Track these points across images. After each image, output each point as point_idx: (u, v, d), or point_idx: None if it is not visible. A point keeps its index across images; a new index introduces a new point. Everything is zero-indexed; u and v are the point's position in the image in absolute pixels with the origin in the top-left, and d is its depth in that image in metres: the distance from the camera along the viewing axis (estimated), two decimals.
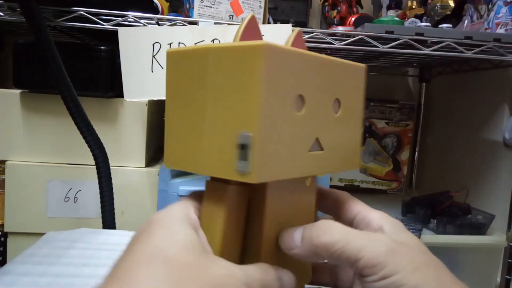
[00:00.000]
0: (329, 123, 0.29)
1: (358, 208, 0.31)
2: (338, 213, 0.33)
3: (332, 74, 0.29)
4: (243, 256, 0.29)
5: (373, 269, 0.25)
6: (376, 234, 0.28)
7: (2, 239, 0.78)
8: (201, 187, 0.30)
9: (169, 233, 0.25)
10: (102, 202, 0.62)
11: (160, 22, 0.75)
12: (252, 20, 0.28)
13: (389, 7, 1.01)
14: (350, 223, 0.32)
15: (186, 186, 0.77)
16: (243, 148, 0.24)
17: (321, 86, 0.28)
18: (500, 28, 0.85)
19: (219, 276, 0.23)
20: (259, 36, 0.28)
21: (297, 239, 0.28)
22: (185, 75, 0.29)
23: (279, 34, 0.73)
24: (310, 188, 0.31)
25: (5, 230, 0.77)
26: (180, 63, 0.29)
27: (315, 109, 0.28)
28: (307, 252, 0.27)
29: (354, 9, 1.05)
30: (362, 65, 0.32)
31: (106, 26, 0.72)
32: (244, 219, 0.29)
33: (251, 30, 0.28)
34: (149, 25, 0.73)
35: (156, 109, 0.86)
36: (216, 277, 0.23)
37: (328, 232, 0.27)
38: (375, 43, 0.77)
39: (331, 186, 0.34)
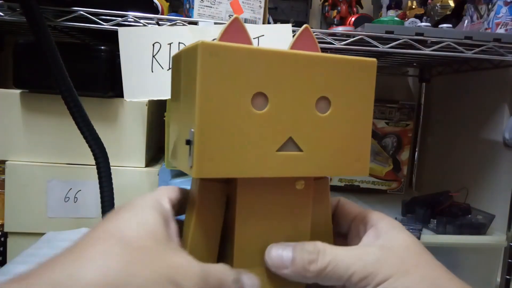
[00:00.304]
0: (310, 122, 0.27)
1: (357, 209, 0.32)
2: (338, 216, 0.33)
3: (314, 71, 0.27)
4: (222, 258, 0.29)
5: (366, 281, 0.26)
6: (363, 247, 0.29)
7: (2, 239, 0.78)
8: None
9: (134, 217, 0.25)
10: (102, 202, 0.62)
11: (160, 22, 0.75)
12: (235, 22, 0.27)
13: (389, 7, 1.01)
14: (349, 224, 0.32)
15: (186, 186, 0.77)
16: (188, 143, 0.25)
17: (294, 83, 0.27)
18: (500, 28, 0.85)
19: (174, 264, 0.23)
20: (246, 39, 0.27)
21: (286, 259, 0.27)
22: (174, 78, 0.31)
23: (279, 34, 0.73)
24: (304, 192, 0.29)
25: (5, 230, 0.77)
26: (173, 66, 0.31)
27: (285, 108, 0.26)
28: (297, 275, 0.27)
29: (354, 9, 1.05)
30: (371, 60, 0.29)
31: (106, 26, 0.72)
32: (222, 218, 0.29)
33: (235, 33, 0.27)
34: (149, 25, 0.73)
35: (156, 109, 0.86)
36: (170, 265, 0.23)
37: (320, 259, 0.27)
38: (375, 43, 0.77)
39: (331, 186, 0.33)
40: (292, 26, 0.74)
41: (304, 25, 0.30)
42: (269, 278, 0.29)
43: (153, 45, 0.72)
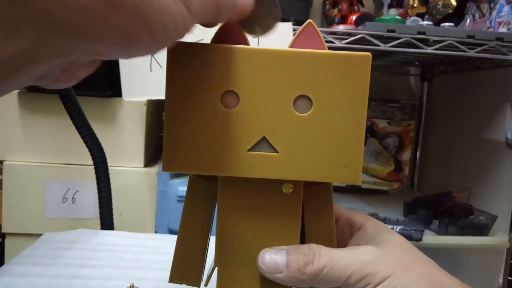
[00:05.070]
0: (287, 122, 0.26)
1: (340, 211, 0.32)
2: None
3: (292, 69, 0.26)
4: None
5: (365, 280, 0.26)
6: (359, 247, 0.28)
7: (0, 240, 0.78)
8: None
9: None
10: (100, 202, 0.62)
11: None
12: (227, 26, 0.27)
13: (390, 6, 1.01)
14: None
15: (185, 186, 0.76)
16: (161, 139, 0.26)
17: (268, 82, 0.26)
18: (503, 27, 0.84)
19: None
20: (243, 40, 0.27)
21: (281, 264, 0.27)
22: None
23: (279, 33, 0.73)
24: (292, 197, 0.28)
25: (3, 231, 0.77)
26: None
27: (258, 106, 0.26)
28: (292, 278, 0.27)
29: (355, 7, 1.04)
30: (364, 54, 0.26)
31: None
32: (211, 212, 0.30)
33: (230, 36, 0.27)
34: None
35: (155, 109, 0.85)
36: None
37: (316, 260, 0.26)
38: (376, 42, 0.77)
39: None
40: (293, 24, 0.74)
41: (308, 21, 0.28)
42: (254, 282, 0.28)
43: None
